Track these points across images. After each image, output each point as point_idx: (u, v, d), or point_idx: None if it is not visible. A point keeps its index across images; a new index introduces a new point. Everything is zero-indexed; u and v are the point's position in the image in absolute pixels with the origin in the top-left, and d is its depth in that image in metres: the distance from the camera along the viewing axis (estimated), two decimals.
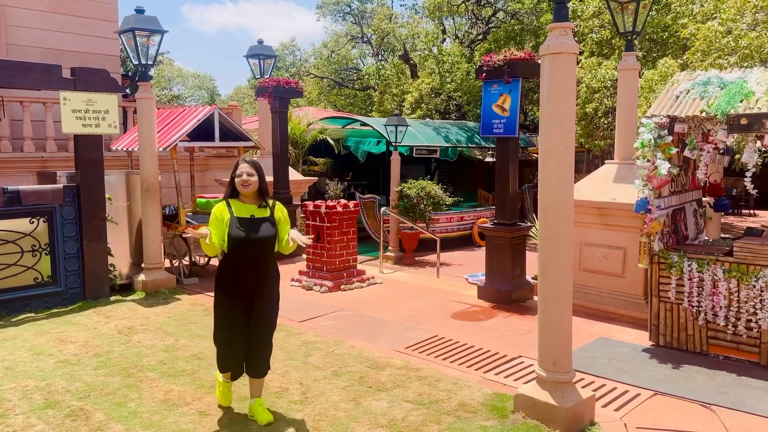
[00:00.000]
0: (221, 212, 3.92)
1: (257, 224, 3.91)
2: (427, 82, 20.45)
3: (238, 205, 3.94)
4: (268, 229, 3.94)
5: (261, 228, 3.91)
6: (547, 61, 3.88)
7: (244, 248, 3.90)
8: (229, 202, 3.94)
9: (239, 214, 3.90)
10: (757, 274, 5.04)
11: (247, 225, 3.88)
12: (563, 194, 3.99)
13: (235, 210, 3.91)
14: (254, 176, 3.91)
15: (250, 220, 3.90)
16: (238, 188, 3.93)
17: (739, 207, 17.74)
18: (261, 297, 4.01)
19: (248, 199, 3.97)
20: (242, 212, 3.91)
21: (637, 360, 5.35)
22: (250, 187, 3.92)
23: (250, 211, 3.94)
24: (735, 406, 4.37)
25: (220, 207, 3.94)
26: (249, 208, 3.95)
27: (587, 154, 16.88)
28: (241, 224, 3.87)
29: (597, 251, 6.75)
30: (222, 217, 3.90)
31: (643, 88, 9.99)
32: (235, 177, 3.92)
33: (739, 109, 5.02)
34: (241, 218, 3.89)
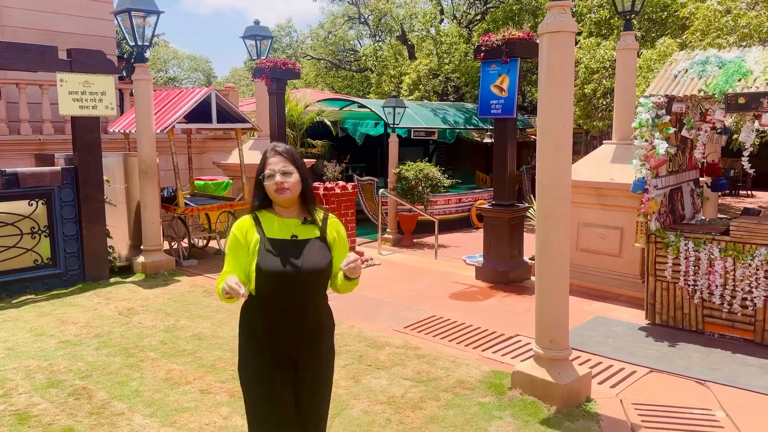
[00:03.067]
0: (245, 232, 2.51)
1: (300, 249, 2.50)
2: (425, 63, 20.34)
3: (272, 221, 2.54)
4: (319, 255, 2.52)
5: (307, 254, 2.49)
6: (546, 39, 3.87)
7: (281, 287, 2.46)
8: (257, 216, 2.54)
9: (273, 235, 2.50)
10: (753, 253, 5.08)
11: (286, 250, 2.47)
12: (561, 174, 4.01)
13: (266, 228, 2.51)
14: (293, 174, 2.51)
15: (291, 243, 2.50)
16: (271, 195, 2.53)
17: (736, 187, 17.78)
18: (311, 363, 2.58)
19: (287, 211, 2.57)
20: (278, 231, 2.51)
21: (633, 338, 5.41)
22: (287, 193, 2.50)
23: (289, 230, 2.53)
24: (729, 383, 4.43)
25: (243, 224, 2.53)
26: (288, 224, 2.55)
27: (586, 135, 16.85)
28: (277, 249, 2.47)
29: (594, 231, 6.79)
30: (246, 239, 2.49)
31: (642, 68, 9.96)
32: (264, 177, 2.52)
33: (737, 89, 5.03)
34: (275, 240, 2.48)
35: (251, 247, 2.49)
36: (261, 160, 2.57)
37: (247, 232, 2.52)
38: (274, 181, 2.50)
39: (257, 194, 2.59)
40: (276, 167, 2.51)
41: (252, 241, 2.49)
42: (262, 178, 2.55)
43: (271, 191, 2.52)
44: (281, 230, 2.53)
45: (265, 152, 2.59)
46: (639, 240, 5.66)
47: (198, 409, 4.03)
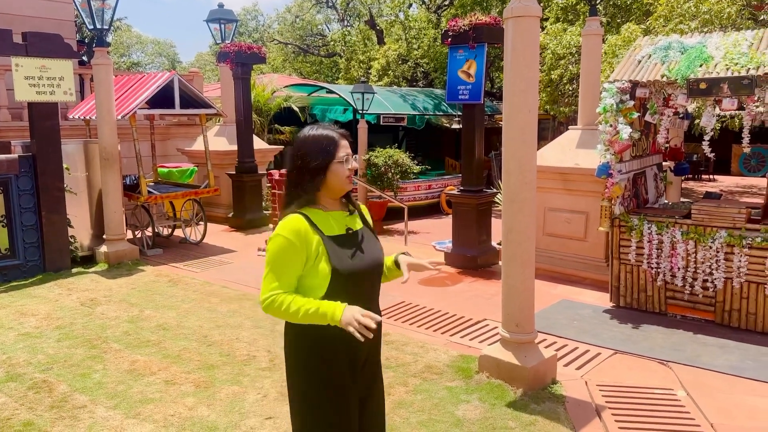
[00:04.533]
0: (303, 234, 2.12)
1: (359, 242, 2.26)
2: (394, 48, 20.24)
3: (323, 217, 2.21)
4: (376, 245, 2.34)
5: (367, 247, 2.27)
6: (511, 24, 3.86)
7: (357, 288, 2.20)
8: (306, 214, 2.18)
9: (332, 232, 2.20)
10: (713, 236, 5.19)
11: (351, 247, 2.21)
12: (526, 158, 4.02)
13: (322, 226, 2.19)
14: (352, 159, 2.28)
15: (350, 237, 2.24)
16: (338, 184, 2.22)
17: (699, 172, 18.18)
18: (376, 374, 2.41)
19: (332, 204, 2.27)
20: (333, 227, 2.22)
21: (598, 320, 5.50)
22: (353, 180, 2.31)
23: (340, 223, 2.25)
24: (691, 363, 4.54)
25: (297, 225, 2.13)
26: (337, 217, 2.25)
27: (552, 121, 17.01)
28: (344, 247, 2.19)
29: (560, 216, 6.86)
30: (307, 242, 2.13)
31: (607, 53, 10.06)
32: (331, 163, 2.19)
33: (699, 74, 5.10)
34: (337, 238, 2.20)
35: (313, 250, 2.13)
36: (323, 142, 2.20)
37: (306, 234, 2.12)
38: (349, 167, 2.22)
39: (307, 186, 2.19)
40: (348, 151, 2.24)
41: (313, 243, 2.13)
42: (324, 163, 2.17)
43: (342, 179, 2.21)
44: (335, 225, 2.22)
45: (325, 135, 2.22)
46: (603, 224, 5.74)
47: (163, 400, 3.97)
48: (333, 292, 2.14)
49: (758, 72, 4.82)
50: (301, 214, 2.17)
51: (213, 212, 10.51)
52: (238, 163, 10.10)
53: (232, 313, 5.69)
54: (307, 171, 2.19)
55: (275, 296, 2.10)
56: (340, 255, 2.16)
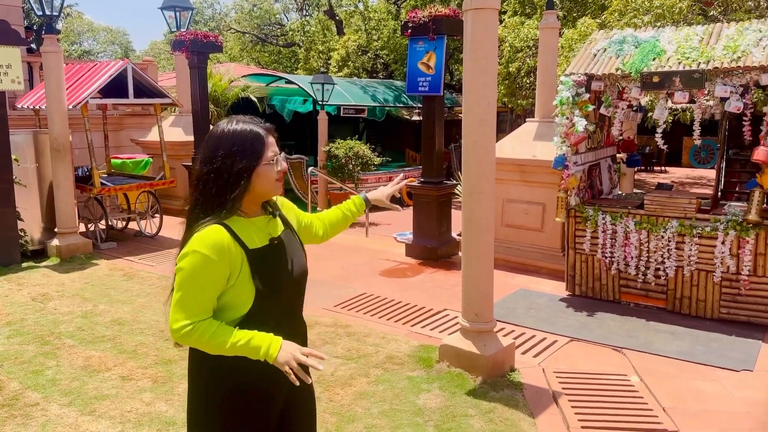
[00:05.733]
0: (225, 250, 1.82)
1: (284, 251, 1.99)
2: (354, 39, 20.14)
3: (244, 227, 1.90)
4: (299, 250, 2.07)
5: (293, 254, 2.02)
6: (470, 16, 3.88)
7: (281, 306, 1.97)
8: (227, 225, 1.86)
9: (255, 244, 1.90)
10: (665, 225, 5.36)
11: (275, 259, 1.95)
12: (485, 151, 4.06)
13: (244, 238, 1.88)
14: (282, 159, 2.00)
15: (274, 248, 1.96)
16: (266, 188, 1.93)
17: (651, 164, 18.71)
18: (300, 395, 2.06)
19: (255, 209, 1.98)
20: (256, 238, 1.92)
21: (554, 309, 5.62)
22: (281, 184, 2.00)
23: (263, 232, 1.96)
24: (643, 349, 4.69)
25: (218, 239, 1.81)
26: (259, 225, 1.96)
27: (511, 113, 17.24)
28: (268, 261, 1.92)
29: (518, 207, 6.97)
30: (230, 258, 1.82)
31: (564, 47, 10.23)
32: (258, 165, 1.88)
33: (652, 67, 5.24)
34: (261, 251, 1.91)
35: (237, 267, 1.83)
36: (249, 140, 1.87)
37: (228, 249, 1.81)
38: (279, 168, 1.92)
39: (228, 193, 1.84)
40: (276, 149, 1.93)
41: (237, 258, 1.83)
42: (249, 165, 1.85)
43: (271, 183, 1.91)
44: (258, 236, 1.93)
45: (250, 130, 1.89)
46: (559, 215, 5.86)
47: (119, 396, 3.88)
48: (256, 312, 1.87)
49: (708, 66, 4.97)
50: (221, 225, 1.83)
51: (169, 204, 10.29)
52: (194, 154, 9.90)
53: None
54: (228, 175, 1.82)
55: (196, 325, 1.78)
56: (265, 272, 1.88)
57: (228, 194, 1.84)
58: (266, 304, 1.89)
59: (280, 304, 1.95)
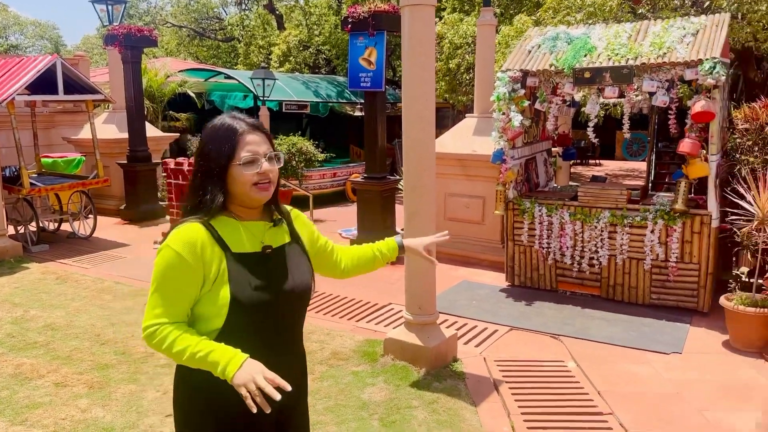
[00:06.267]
0: (199, 250, 1.68)
1: (280, 262, 1.81)
2: (295, 34, 19.93)
3: (234, 229, 1.76)
4: (302, 266, 1.87)
5: (293, 269, 1.83)
6: (407, 12, 3.92)
7: (267, 322, 1.76)
8: (211, 224, 1.73)
9: (242, 248, 1.75)
10: (598, 216, 5.56)
11: (265, 268, 1.76)
12: (425, 146, 4.11)
13: (230, 240, 1.74)
14: (274, 159, 1.79)
15: (266, 257, 1.78)
16: (243, 192, 1.74)
17: (586, 157, 19.32)
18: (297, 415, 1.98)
19: (249, 213, 1.81)
20: (245, 242, 1.76)
21: (495, 299, 5.75)
22: (270, 190, 1.79)
23: (257, 238, 1.79)
24: (579, 335, 4.86)
25: (192, 236, 1.69)
26: (253, 230, 1.79)
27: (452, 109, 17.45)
28: (253, 269, 1.74)
29: (460, 201, 7.09)
30: (204, 260, 1.69)
31: (501, 44, 10.43)
32: (229, 165, 1.72)
33: (584, 63, 5.42)
34: (247, 256, 1.75)
35: (213, 271, 1.68)
36: (221, 137, 1.72)
37: (202, 249, 1.67)
38: (258, 171, 1.72)
39: (212, 190, 1.72)
40: (259, 149, 1.74)
41: (214, 261, 1.68)
42: (221, 165, 1.71)
43: (246, 186, 1.72)
44: (249, 240, 1.76)
45: (225, 125, 1.74)
46: (498, 207, 5.99)
47: (53, 404, 3.74)
48: (232, 327, 1.68)
49: (636, 62, 5.18)
50: (201, 223, 1.71)
51: (103, 204, 9.94)
52: (129, 151, 9.60)
53: (127, 310, 5.43)
54: (201, 174, 1.74)
55: (159, 328, 1.65)
56: (246, 280, 1.70)
57: (203, 195, 1.73)
58: (245, 318, 1.69)
59: (266, 321, 1.74)
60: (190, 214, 1.76)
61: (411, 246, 2.23)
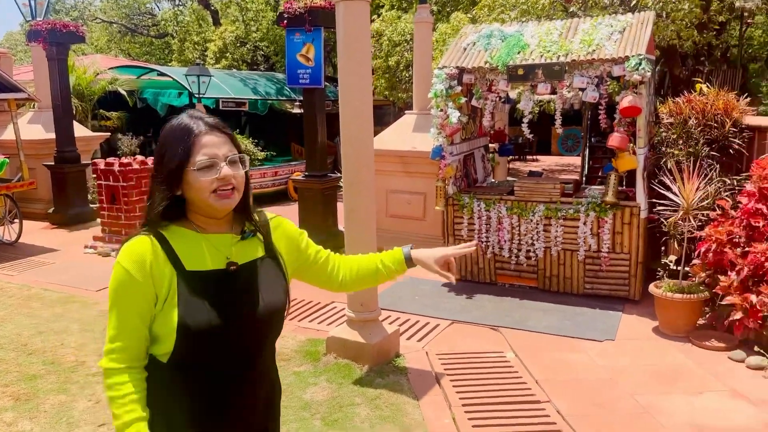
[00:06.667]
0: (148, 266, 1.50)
1: (246, 281, 1.59)
2: (231, 30, 19.53)
3: (192, 242, 1.56)
4: (274, 285, 1.65)
5: (261, 287, 1.61)
6: (342, 8, 3.89)
7: (223, 352, 1.55)
8: (163, 236, 1.55)
9: (198, 265, 1.54)
10: (533, 210, 5.69)
11: (225, 290, 1.55)
12: (363, 142, 4.10)
13: (184, 255, 1.54)
14: (241, 166, 1.58)
15: (229, 275, 1.57)
16: (201, 200, 1.54)
17: (524, 153, 19.78)
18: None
19: (214, 224, 1.60)
20: (204, 257, 1.56)
21: (437, 294, 5.81)
22: (235, 197, 1.57)
23: (221, 253, 1.58)
24: (518, 326, 4.97)
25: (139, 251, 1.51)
26: (217, 244, 1.59)
27: (393, 106, 17.52)
28: (210, 290, 1.53)
29: (401, 197, 7.12)
30: (153, 277, 1.50)
31: (438, 41, 10.55)
32: (184, 170, 1.52)
33: (517, 60, 5.53)
34: (205, 275, 1.54)
35: (165, 290, 1.49)
36: (176, 139, 1.52)
37: (151, 266, 1.48)
38: (217, 176, 1.51)
39: (161, 198, 1.52)
40: (219, 151, 1.52)
41: (164, 280, 1.49)
42: (175, 169, 1.50)
43: (204, 193, 1.50)
44: (211, 256, 1.55)
45: (181, 126, 1.54)
46: (439, 203, 6.05)
47: None
48: (182, 353, 1.50)
49: (567, 59, 5.33)
50: (153, 236, 1.52)
51: (30, 208, 9.46)
52: (57, 152, 9.17)
53: (56, 318, 5.19)
54: (158, 182, 1.54)
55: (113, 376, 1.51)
56: (199, 303, 1.48)
57: (162, 202, 1.53)
58: (196, 345, 1.49)
59: (222, 349, 1.52)
60: (145, 225, 1.57)
61: (420, 259, 1.88)
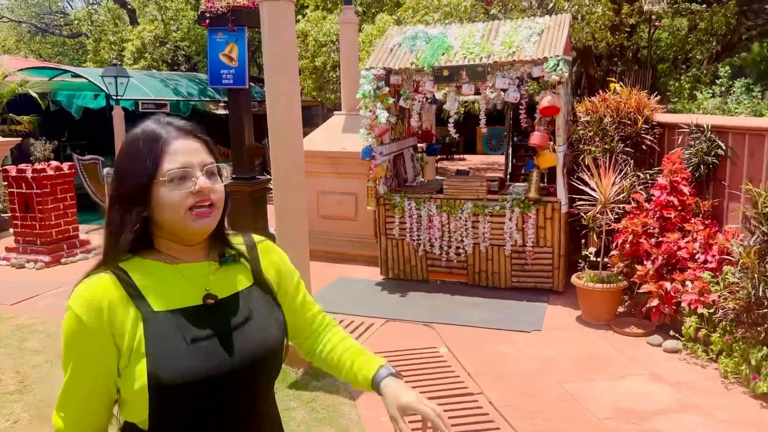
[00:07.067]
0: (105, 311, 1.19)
1: (228, 319, 1.28)
2: (150, 29, 18.86)
3: (159, 275, 1.27)
4: (267, 320, 1.35)
5: (251, 322, 1.31)
6: (266, 8, 3.86)
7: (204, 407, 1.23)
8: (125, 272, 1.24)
9: (169, 304, 1.24)
10: (462, 207, 5.82)
11: (208, 327, 1.25)
12: (292, 142, 4.08)
13: (152, 293, 1.24)
14: (219, 177, 1.32)
15: (208, 312, 1.27)
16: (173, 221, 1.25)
17: (451, 152, 20.15)
18: None
19: (190, 252, 1.32)
20: (179, 294, 1.26)
21: (371, 293, 5.84)
22: (214, 216, 1.29)
23: (196, 285, 1.29)
24: (450, 321, 5.07)
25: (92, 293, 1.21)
26: (193, 273, 1.30)
27: (322, 107, 17.46)
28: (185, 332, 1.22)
29: (332, 198, 7.11)
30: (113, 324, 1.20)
31: (365, 42, 10.60)
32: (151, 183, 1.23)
33: (442, 62, 5.64)
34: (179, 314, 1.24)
35: (127, 341, 1.19)
36: (141, 148, 1.25)
37: (109, 311, 1.19)
38: (193, 189, 1.24)
39: (131, 221, 1.23)
40: (193, 159, 1.26)
41: (127, 326, 1.20)
42: (139, 184, 1.22)
43: (179, 212, 1.23)
44: (184, 290, 1.26)
45: (146, 132, 1.27)
46: (370, 203, 6.09)
47: None
48: (164, 418, 1.19)
49: (489, 60, 5.48)
50: (112, 273, 1.23)
51: None
52: None
53: None
54: (120, 202, 1.24)
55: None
56: (170, 350, 1.19)
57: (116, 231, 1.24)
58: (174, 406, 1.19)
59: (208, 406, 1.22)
60: (104, 259, 1.27)
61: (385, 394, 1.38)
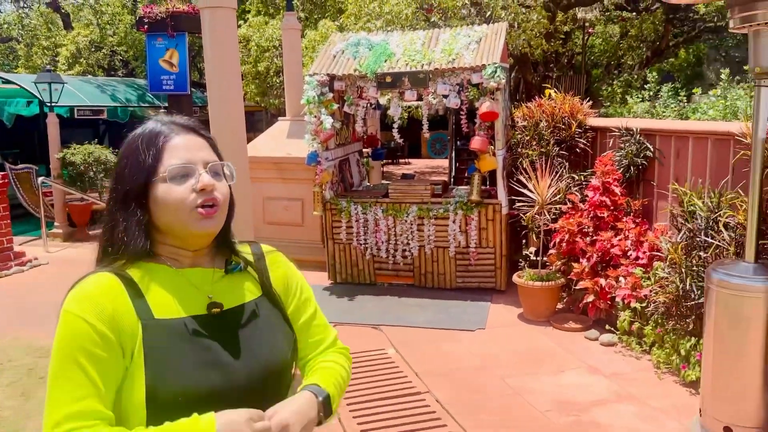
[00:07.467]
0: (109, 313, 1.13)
1: (234, 329, 1.24)
2: (85, 34, 18.29)
3: (161, 281, 1.21)
4: (275, 332, 1.32)
5: (256, 336, 1.26)
6: (207, 14, 3.84)
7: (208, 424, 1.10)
8: (129, 277, 1.18)
9: (171, 312, 1.18)
10: (407, 211, 5.92)
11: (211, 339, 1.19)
12: (236, 148, 4.06)
13: (154, 300, 1.18)
14: (221, 173, 1.27)
15: (213, 322, 1.21)
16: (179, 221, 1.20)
17: (396, 157, 20.36)
18: None
19: (193, 256, 1.26)
20: (181, 301, 1.20)
21: (319, 298, 5.68)
22: (218, 215, 1.24)
23: (201, 293, 1.24)
24: (397, 323, 5.16)
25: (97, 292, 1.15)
26: (197, 279, 1.25)
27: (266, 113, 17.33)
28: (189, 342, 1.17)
29: (278, 204, 7.10)
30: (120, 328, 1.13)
31: (308, 47, 10.60)
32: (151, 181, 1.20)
33: (384, 68, 5.73)
34: (182, 323, 1.18)
35: (128, 347, 1.13)
36: (141, 147, 1.21)
37: (115, 312, 1.13)
38: (195, 186, 1.20)
39: (129, 223, 1.19)
40: (196, 155, 1.22)
41: (128, 330, 1.13)
42: (137, 183, 1.19)
43: (184, 210, 1.19)
44: (187, 298, 1.21)
45: (146, 130, 1.24)
46: (317, 208, 6.12)
47: None
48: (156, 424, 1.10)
49: (430, 67, 5.61)
50: (119, 276, 1.17)
51: None
52: None
53: None
54: (120, 203, 1.20)
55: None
56: (170, 363, 1.13)
57: (116, 232, 1.20)
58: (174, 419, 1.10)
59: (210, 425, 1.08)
60: (101, 262, 1.22)
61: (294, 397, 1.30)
